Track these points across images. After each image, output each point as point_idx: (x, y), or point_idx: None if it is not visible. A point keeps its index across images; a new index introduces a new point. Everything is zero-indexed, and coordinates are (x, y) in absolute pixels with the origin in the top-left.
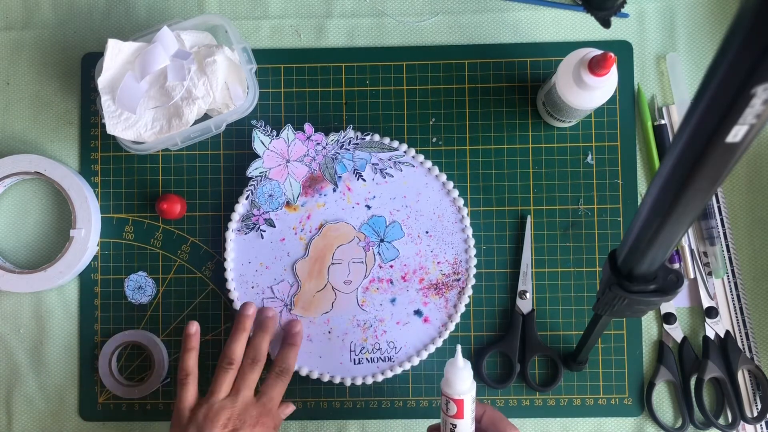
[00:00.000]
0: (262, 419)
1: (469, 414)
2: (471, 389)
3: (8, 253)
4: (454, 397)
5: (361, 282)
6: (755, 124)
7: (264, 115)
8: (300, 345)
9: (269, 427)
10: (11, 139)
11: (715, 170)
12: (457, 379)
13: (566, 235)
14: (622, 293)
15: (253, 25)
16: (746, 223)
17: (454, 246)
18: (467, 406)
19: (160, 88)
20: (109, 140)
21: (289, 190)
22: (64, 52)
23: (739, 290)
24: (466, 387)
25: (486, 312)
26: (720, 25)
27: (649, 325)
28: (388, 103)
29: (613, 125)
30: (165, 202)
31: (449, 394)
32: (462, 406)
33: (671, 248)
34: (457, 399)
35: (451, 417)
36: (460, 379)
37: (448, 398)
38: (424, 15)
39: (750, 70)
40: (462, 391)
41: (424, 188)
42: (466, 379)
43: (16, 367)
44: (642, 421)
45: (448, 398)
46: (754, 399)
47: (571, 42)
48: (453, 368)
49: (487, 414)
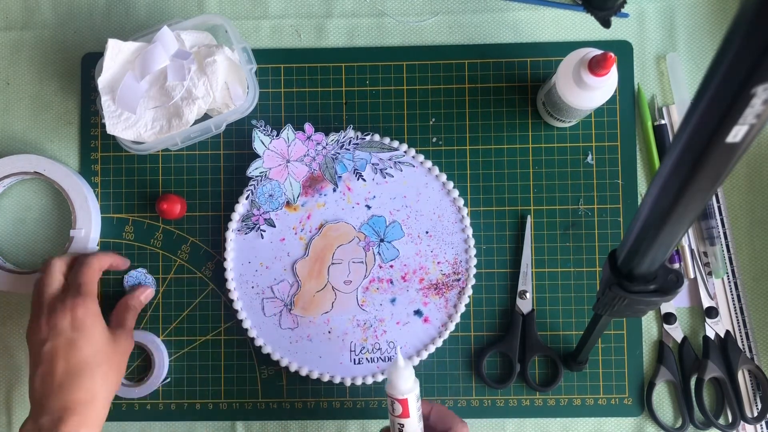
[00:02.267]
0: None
1: (415, 412)
2: (414, 388)
3: (8, 253)
4: (398, 397)
5: (361, 282)
6: (755, 124)
7: (264, 115)
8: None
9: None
10: (11, 139)
11: (715, 170)
12: (399, 379)
13: (566, 235)
14: (622, 293)
15: (253, 25)
16: (746, 223)
17: (454, 246)
18: (412, 405)
19: (160, 88)
20: (109, 140)
21: (289, 190)
22: (64, 52)
23: (739, 290)
24: (408, 386)
25: (486, 312)
26: (720, 25)
27: (649, 325)
28: (388, 103)
29: (613, 125)
30: (165, 202)
31: (393, 394)
32: (407, 405)
33: (671, 248)
34: (401, 399)
35: (398, 417)
36: (401, 378)
37: (392, 399)
38: (424, 15)
39: (750, 70)
40: (405, 390)
41: (424, 188)
42: (408, 379)
43: (16, 367)
44: (642, 421)
45: (393, 399)
46: (754, 399)
47: (571, 42)
48: (394, 369)
49: (435, 411)
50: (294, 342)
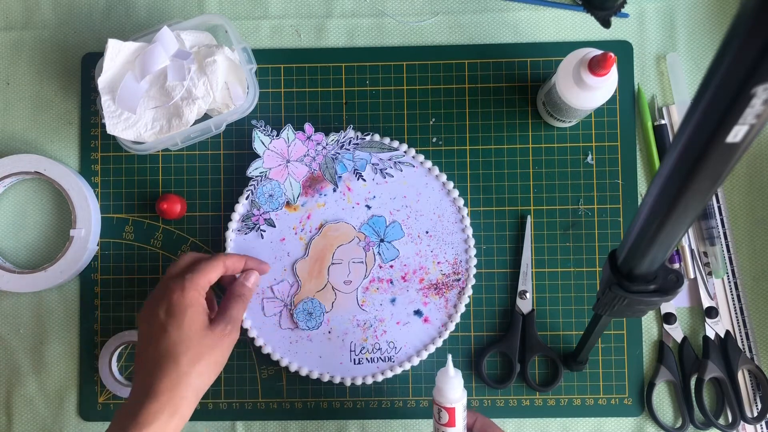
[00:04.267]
0: None
1: (461, 422)
2: (462, 398)
3: (8, 253)
4: (446, 405)
5: (361, 282)
6: (755, 124)
7: (264, 115)
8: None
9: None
10: (11, 139)
11: (715, 170)
12: (448, 387)
13: (566, 235)
14: (622, 293)
15: (253, 25)
16: (746, 223)
17: (454, 246)
18: (459, 415)
19: (160, 88)
20: (109, 140)
21: (289, 190)
22: (64, 52)
23: (739, 290)
24: (457, 395)
25: (486, 312)
26: (720, 25)
27: (649, 325)
28: (388, 103)
29: (613, 125)
30: (165, 202)
31: (441, 402)
32: (453, 414)
33: (671, 248)
34: (448, 407)
35: (443, 425)
36: (451, 387)
37: (440, 407)
38: (424, 15)
39: (750, 70)
40: (453, 399)
41: (424, 188)
42: (457, 388)
43: (16, 367)
44: (642, 421)
45: (440, 407)
46: (754, 399)
47: (571, 42)
48: (444, 377)
49: (479, 421)
50: (294, 342)
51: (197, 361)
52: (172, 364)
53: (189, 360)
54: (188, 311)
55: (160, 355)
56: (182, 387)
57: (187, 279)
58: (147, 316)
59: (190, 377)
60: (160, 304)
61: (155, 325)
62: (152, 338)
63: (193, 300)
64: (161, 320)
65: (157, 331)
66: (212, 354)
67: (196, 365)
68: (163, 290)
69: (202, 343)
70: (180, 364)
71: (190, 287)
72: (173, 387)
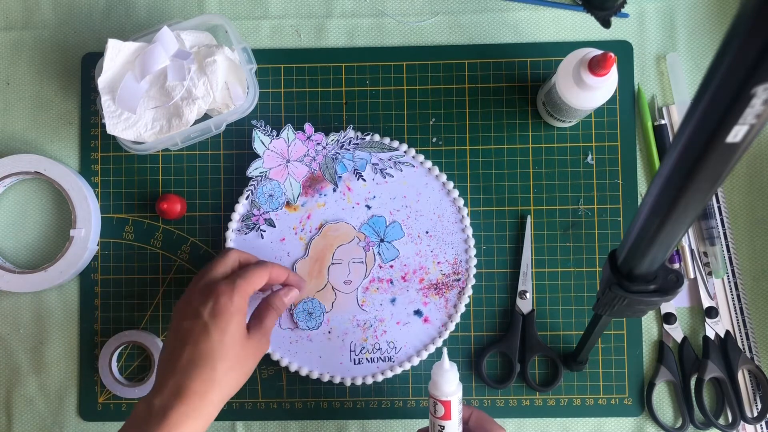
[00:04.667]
0: None
1: (457, 415)
2: (457, 391)
3: (8, 253)
4: (442, 398)
5: (361, 282)
6: (755, 124)
7: (264, 115)
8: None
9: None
10: (11, 139)
11: (715, 170)
12: (443, 380)
13: (566, 235)
14: (622, 293)
15: (253, 25)
16: (746, 223)
17: (454, 246)
18: (454, 408)
19: (160, 88)
20: (109, 140)
21: (289, 190)
22: (64, 52)
23: (739, 290)
24: (452, 388)
25: (486, 312)
26: (720, 25)
27: (649, 325)
28: (388, 103)
29: (613, 125)
30: (165, 202)
31: (436, 395)
32: (449, 407)
33: (671, 248)
34: (444, 400)
35: (439, 418)
36: (446, 380)
37: (435, 400)
38: (424, 15)
39: (750, 70)
40: (449, 392)
41: (424, 188)
42: (453, 381)
43: (16, 367)
44: (642, 421)
45: (436, 400)
46: (754, 399)
47: (571, 42)
48: (439, 370)
49: (474, 415)
50: (294, 342)
51: (233, 368)
52: (209, 367)
53: (226, 366)
54: (234, 318)
55: (199, 356)
56: (214, 392)
57: (237, 284)
58: (188, 313)
59: (222, 383)
60: (206, 304)
61: (197, 324)
62: (191, 337)
63: (240, 307)
64: (204, 320)
65: (199, 331)
66: (246, 363)
67: (231, 372)
68: (209, 290)
69: (240, 353)
70: (216, 370)
71: (240, 293)
72: (206, 391)
